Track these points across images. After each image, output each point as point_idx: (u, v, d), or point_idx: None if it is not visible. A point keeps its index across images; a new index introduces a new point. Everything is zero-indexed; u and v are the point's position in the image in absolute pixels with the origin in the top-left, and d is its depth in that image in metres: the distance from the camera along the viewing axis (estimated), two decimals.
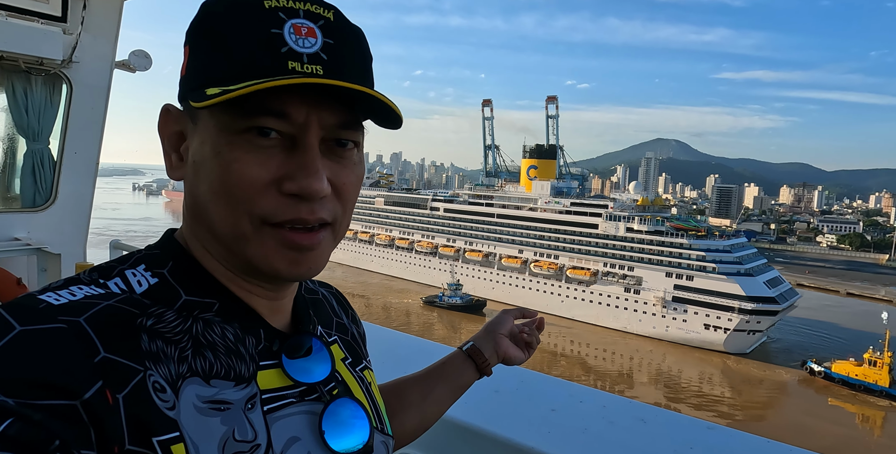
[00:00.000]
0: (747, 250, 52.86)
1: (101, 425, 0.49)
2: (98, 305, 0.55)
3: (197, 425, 0.55)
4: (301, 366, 0.68)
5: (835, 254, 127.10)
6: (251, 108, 0.58)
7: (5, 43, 3.58)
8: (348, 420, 0.69)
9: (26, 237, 4.06)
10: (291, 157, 0.60)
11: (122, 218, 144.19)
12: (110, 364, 0.52)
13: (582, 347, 51.04)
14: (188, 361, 0.58)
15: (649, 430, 1.38)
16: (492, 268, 63.68)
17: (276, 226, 0.60)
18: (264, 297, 0.68)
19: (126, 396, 0.51)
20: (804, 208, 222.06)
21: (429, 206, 70.69)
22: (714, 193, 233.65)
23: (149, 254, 0.66)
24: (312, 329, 0.74)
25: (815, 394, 40.99)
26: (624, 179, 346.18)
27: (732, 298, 47.46)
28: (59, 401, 0.47)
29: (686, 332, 49.99)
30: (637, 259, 53.67)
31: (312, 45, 0.58)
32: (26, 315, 0.51)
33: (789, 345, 52.16)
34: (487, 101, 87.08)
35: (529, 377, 1.70)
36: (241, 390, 0.60)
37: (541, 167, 72.95)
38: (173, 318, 0.60)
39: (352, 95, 0.59)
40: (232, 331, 0.63)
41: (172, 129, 0.66)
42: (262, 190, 0.59)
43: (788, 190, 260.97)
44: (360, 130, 0.65)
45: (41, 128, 4.11)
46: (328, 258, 0.65)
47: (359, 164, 0.66)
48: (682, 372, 45.61)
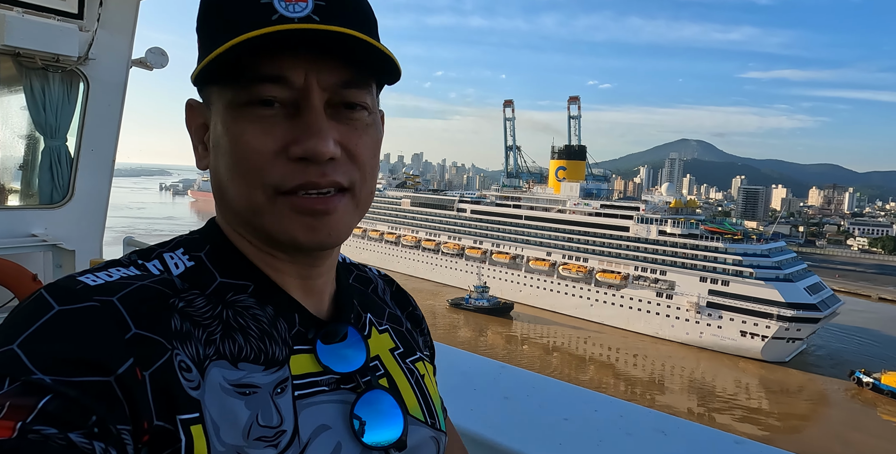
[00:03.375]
0: (786, 255, 51.21)
1: (132, 401, 0.50)
2: (132, 285, 0.57)
3: (220, 407, 0.56)
4: (336, 353, 0.67)
5: (866, 258, 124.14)
6: (249, 77, 0.58)
7: (22, 40, 3.58)
8: (384, 412, 0.67)
9: (43, 233, 4.03)
10: (296, 122, 0.59)
11: (147, 217, 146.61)
12: (140, 341, 0.53)
13: (611, 352, 49.97)
14: (216, 344, 0.58)
15: (670, 443, 1.27)
16: (519, 270, 62.88)
17: (289, 193, 0.60)
18: (297, 277, 0.68)
19: (153, 373, 0.53)
20: (834, 210, 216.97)
21: (455, 207, 70.26)
22: (740, 195, 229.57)
23: (189, 238, 0.68)
24: (354, 318, 0.73)
25: (863, 407, 39.31)
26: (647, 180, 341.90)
27: (771, 305, 46.02)
28: (93, 377, 0.48)
29: (721, 339, 48.61)
30: (669, 263, 52.43)
31: (303, 9, 0.58)
32: (64, 295, 0.53)
33: (830, 353, 50.35)
34: (509, 102, 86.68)
35: (541, 383, 1.58)
36: (270, 374, 0.60)
37: (570, 168, 71.89)
38: (204, 303, 0.61)
39: (347, 48, 0.58)
40: (265, 314, 0.64)
41: (197, 122, 0.68)
42: (270, 158, 0.59)
43: (818, 191, 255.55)
44: (366, 90, 0.63)
45: (58, 125, 4.10)
46: (351, 226, 0.64)
47: (372, 125, 0.65)
48: (716, 380, 44.28)
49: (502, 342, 50.50)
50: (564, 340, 52.74)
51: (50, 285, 0.55)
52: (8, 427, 0.42)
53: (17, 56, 3.78)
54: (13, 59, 3.84)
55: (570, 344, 52.03)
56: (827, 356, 49.28)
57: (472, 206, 69.12)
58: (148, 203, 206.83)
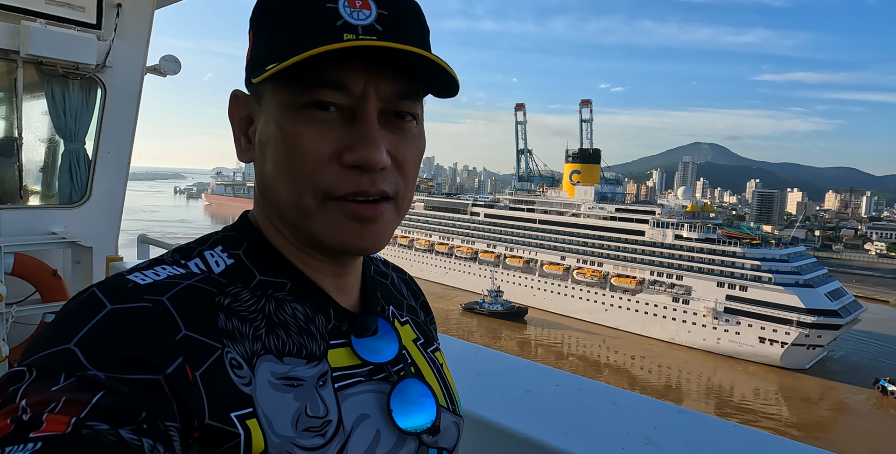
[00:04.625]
0: (806, 259, 50.36)
1: (182, 399, 0.51)
2: (180, 285, 0.58)
3: (271, 400, 0.57)
4: (370, 345, 0.69)
5: (884, 263, 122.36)
6: (310, 81, 0.59)
7: (45, 49, 3.83)
8: (416, 399, 0.70)
9: (63, 231, 4.25)
10: (351, 129, 0.60)
11: (160, 220, 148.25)
12: (190, 341, 0.54)
13: (626, 358, 49.33)
14: (262, 339, 0.60)
15: (619, 412, 1.46)
16: (533, 274, 62.41)
17: (339, 199, 0.61)
18: (331, 275, 0.70)
19: (204, 372, 0.54)
20: (851, 214, 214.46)
21: (469, 211, 69.95)
22: (755, 199, 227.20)
23: (225, 236, 0.69)
24: (381, 310, 0.76)
25: (888, 417, 38.38)
26: (660, 184, 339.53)
27: (790, 311, 45.20)
28: (144, 375, 0.49)
29: (739, 345, 47.83)
30: (686, 268, 51.69)
31: (367, 17, 0.59)
32: (116, 294, 0.54)
33: (851, 360, 49.33)
34: (520, 106, 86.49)
35: (511, 362, 1.80)
36: (312, 367, 0.62)
37: (584, 172, 71.22)
38: (248, 298, 0.62)
39: (409, 62, 0.59)
40: (303, 310, 0.66)
41: (241, 113, 0.68)
42: (324, 163, 0.60)
43: (834, 195, 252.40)
44: (418, 102, 0.65)
45: (77, 129, 4.33)
46: (392, 232, 0.66)
47: (419, 136, 0.66)
48: (734, 387, 43.49)
49: (516, 347, 49.98)
50: (579, 345, 52.16)
51: (101, 283, 0.57)
52: (63, 422, 0.43)
53: (39, 64, 4.01)
54: (36, 67, 4.05)
55: (584, 349, 51.43)
56: (848, 363, 48.28)
57: (485, 209, 68.82)
58: (162, 206, 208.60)
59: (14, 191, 4.28)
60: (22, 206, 4.30)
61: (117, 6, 4.14)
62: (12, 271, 3.88)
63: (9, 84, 4.08)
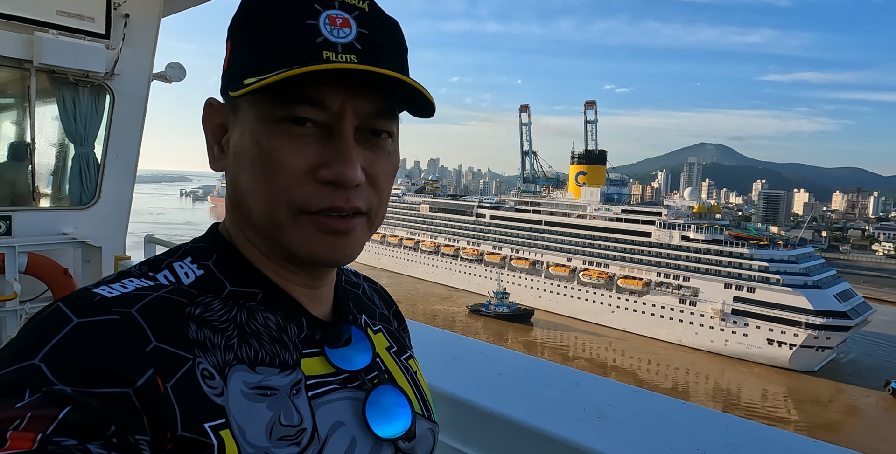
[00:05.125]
0: (814, 261, 50.04)
1: (153, 411, 0.50)
2: (148, 296, 0.57)
3: (244, 410, 0.57)
4: (343, 354, 0.70)
5: (892, 264, 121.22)
6: (288, 96, 0.59)
7: (57, 58, 4.02)
8: (391, 407, 0.70)
9: (73, 232, 4.43)
10: (327, 145, 0.61)
11: (166, 222, 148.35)
12: (161, 352, 0.54)
13: (633, 360, 49.19)
14: (234, 349, 0.59)
15: (580, 391, 1.60)
16: (539, 276, 62.40)
17: (313, 214, 0.62)
18: (304, 286, 0.70)
19: (175, 384, 0.53)
20: (858, 215, 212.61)
21: (474, 212, 70.06)
22: (761, 199, 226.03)
23: (195, 247, 0.69)
24: (353, 319, 0.76)
25: None
26: (665, 185, 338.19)
27: (799, 312, 44.96)
28: (113, 388, 0.48)
29: (747, 347, 47.61)
30: (693, 269, 51.52)
31: (347, 36, 0.59)
32: (82, 307, 0.54)
33: (862, 362, 48.94)
34: (525, 107, 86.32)
35: (486, 349, 1.95)
36: (286, 376, 0.62)
37: (590, 173, 71.17)
38: (220, 307, 0.62)
39: (386, 84, 0.60)
40: (275, 319, 0.65)
41: (215, 122, 0.69)
42: (299, 178, 0.60)
43: (841, 195, 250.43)
44: (394, 120, 0.66)
45: (87, 134, 4.52)
46: (363, 245, 0.67)
47: (393, 154, 0.67)
48: (741, 389, 43.27)
49: (522, 349, 49.96)
50: (585, 347, 52.07)
51: (66, 298, 0.56)
52: (28, 438, 0.42)
53: (51, 72, 4.20)
54: (48, 76, 4.24)
55: (591, 351, 51.34)
56: (857, 365, 47.91)
57: (491, 211, 68.91)
58: (168, 209, 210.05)
59: (27, 193, 4.47)
60: (35, 208, 4.48)
61: (125, 16, 4.33)
62: (26, 270, 4.04)
63: (22, 91, 4.28)
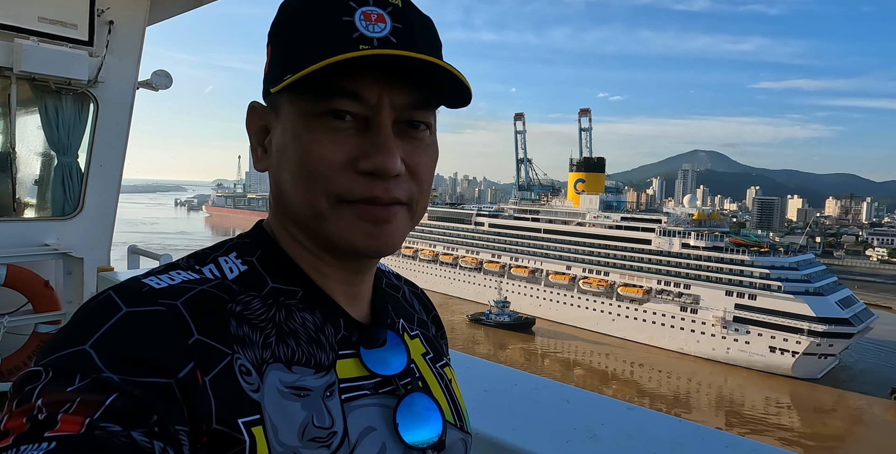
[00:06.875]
0: (816, 267, 49.85)
1: (191, 403, 0.51)
2: (193, 290, 0.59)
3: (279, 409, 0.57)
4: (378, 357, 0.69)
5: (886, 269, 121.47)
6: (326, 90, 0.60)
7: (38, 66, 3.92)
8: (422, 414, 0.70)
9: (55, 243, 4.32)
10: (366, 137, 0.62)
11: (160, 232, 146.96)
12: (202, 346, 0.55)
13: (635, 368, 48.79)
14: (272, 347, 0.60)
15: (570, 409, 1.54)
16: (538, 284, 62.15)
17: (352, 203, 0.62)
18: (343, 283, 0.70)
19: (213, 377, 0.54)
20: (852, 220, 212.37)
21: (473, 220, 69.95)
22: (755, 206, 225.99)
23: (240, 243, 0.70)
24: (390, 322, 0.76)
25: None
26: (660, 192, 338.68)
27: (801, 319, 44.66)
28: (156, 379, 0.50)
29: (749, 355, 47.27)
30: (694, 276, 51.30)
31: (382, 30, 0.60)
32: (131, 297, 0.55)
33: (864, 369, 48.57)
34: (520, 115, 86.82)
35: (474, 363, 1.90)
36: (320, 378, 0.62)
37: (589, 180, 71.04)
38: (259, 306, 0.63)
39: (423, 70, 0.61)
40: (312, 319, 0.66)
41: (258, 124, 0.70)
42: (338, 169, 0.61)
43: (835, 201, 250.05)
44: (431, 111, 0.67)
45: (70, 142, 4.43)
46: (404, 236, 0.67)
47: (432, 145, 0.68)
48: (744, 397, 42.87)
49: (522, 358, 49.58)
50: (586, 356, 51.68)
51: (117, 286, 0.58)
52: (77, 422, 0.44)
53: (32, 80, 4.10)
54: (29, 83, 4.14)
55: (591, 359, 50.94)
56: (860, 372, 47.53)
57: (489, 219, 68.81)
58: (162, 218, 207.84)
59: (7, 204, 4.36)
60: (15, 219, 4.39)
61: (109, 23, 4.23)
62: (5, 282, 3.94)
63: (3, 99, 4.18)
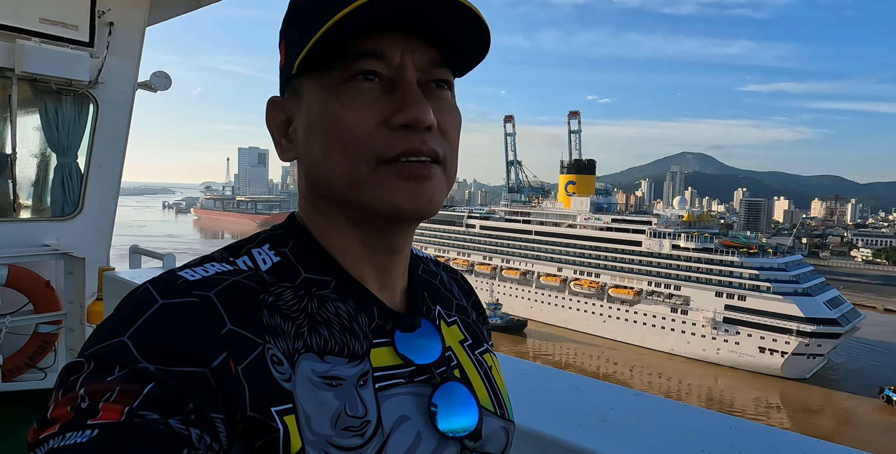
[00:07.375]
0: (804, 268, 50.50)
1: (226, 392, 0.53)
2: (226, 281, 0.60)
3: (311, 398, 0.58)
4: (413, 345, 0.69)
5: (871, 269, 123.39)
6: (349, 54, 0.61)
7: (39, 66, 3.94)
8: (458, 402, 0.69)
9: (55, 243, 4.33)
10: (393, 96, 0.62)
11: (148, 235, 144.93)
12: (234, 335, 0.56)
13: (626, 369, 49.06)
14: (304, 337, 0.61)
15: (581, 396, 1.59)
16: (529, 286, 62.35)
17: (392, 162, 0.62)
18: (375, 267, 0.70)
19: (246, 367, 0.55)
20: (837, 222, 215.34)
21: (464, 223, 70.07)
22: (742, 207, 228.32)
23: (273, 234, 0.71)
24: (425, 310, 0.75)
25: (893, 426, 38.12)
26: (649, 194, 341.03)
27: (790, 320, 45.22)
28: (191, 368, 0.51)
29: (739, 355, 47.75)
30: (684, 277, 51.77)
31: None
32: (167, 289, 0.57)
33: (852, 368, 49.22)
34: (509, 118, 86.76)
35: None
36: (353, 367, 0.63)
37: (579, 182, 71.57)
38: (292, 296, 0.63)
39: (439, 22, 0.61)
40: (346, 308, 0.66)
41: (279, 118, 0.70)
42: (374, 129, 0.61)
43: (820, 203, 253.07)
44: (451, 71, 0.68)
45: (70, 143, 4.43)
46: (444, 197, 0.67)
47: (455, 107, 0.69)
48: (735, 397, 43.25)
49: None
50: (577, 357, 51.85)
51: (154, 279, 0.59)
52: (117, 410, 0.46)
53: (33, 81, 4.10)
54: (30, 84, 4.15)
55: (582, 360, 51.11)
56: (848, 372, 48.14)
57: (481, 221, 68.98)
58: (150, 221, 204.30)
59: (7, 204, 4.35)
60: (16, 219, 4.38)
61: (109, 25, 4.24)
62: (6, 283, 3.94)
63: (3, 100, 4.17)
